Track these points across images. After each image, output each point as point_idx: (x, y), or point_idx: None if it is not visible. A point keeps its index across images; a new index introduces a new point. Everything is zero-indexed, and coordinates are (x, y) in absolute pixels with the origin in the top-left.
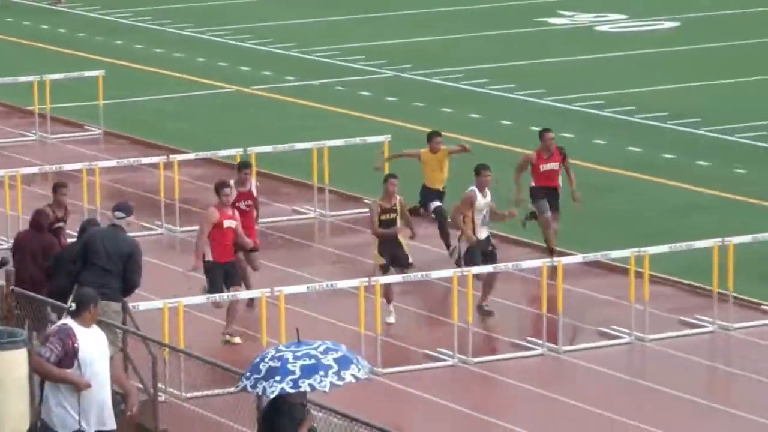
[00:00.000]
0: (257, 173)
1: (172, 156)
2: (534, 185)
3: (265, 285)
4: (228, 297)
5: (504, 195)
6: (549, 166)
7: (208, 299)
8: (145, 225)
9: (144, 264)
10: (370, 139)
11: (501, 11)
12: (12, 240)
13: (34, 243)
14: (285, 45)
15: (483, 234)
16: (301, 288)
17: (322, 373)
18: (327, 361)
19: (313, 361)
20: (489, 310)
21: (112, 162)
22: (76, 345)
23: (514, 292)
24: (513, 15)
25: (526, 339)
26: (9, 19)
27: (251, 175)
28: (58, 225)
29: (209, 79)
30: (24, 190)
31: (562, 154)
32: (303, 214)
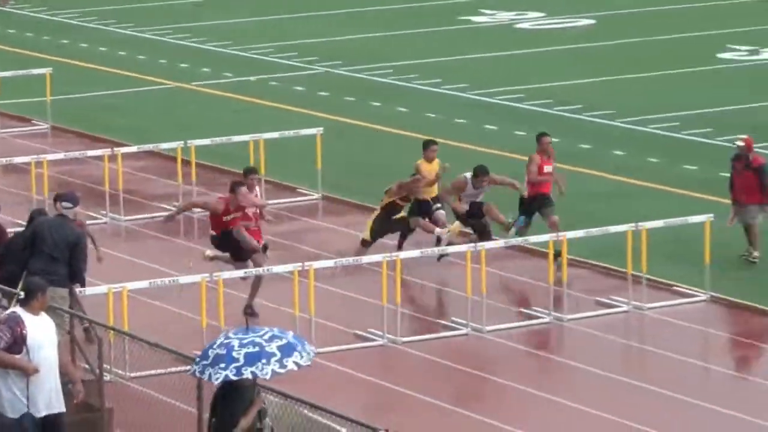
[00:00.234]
0: (196, 164)
1: (116, 149)
2: (528, 195)
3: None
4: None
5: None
6: (548, 168)
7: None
8: (91, 214)
9: (89, 251)
10: (303, 132)
11: (427, 10)
12: None
13: None
14: (222, 43)
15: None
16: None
17: (264, 361)
18: (270, 349)
19: (257, 349)
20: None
21: (59, 155)
22: (24, 332)
23: (439, 275)
24: (438, 13)
25: (451, 320)
26: None
27: (257, 181)
28: None
29: (151, 76)
30: None
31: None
32: None
